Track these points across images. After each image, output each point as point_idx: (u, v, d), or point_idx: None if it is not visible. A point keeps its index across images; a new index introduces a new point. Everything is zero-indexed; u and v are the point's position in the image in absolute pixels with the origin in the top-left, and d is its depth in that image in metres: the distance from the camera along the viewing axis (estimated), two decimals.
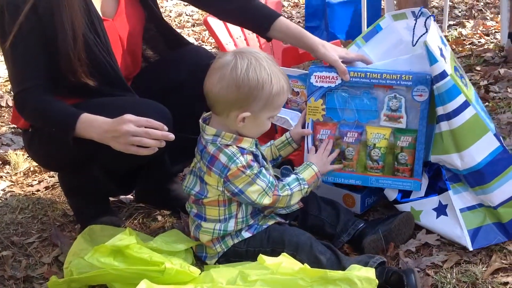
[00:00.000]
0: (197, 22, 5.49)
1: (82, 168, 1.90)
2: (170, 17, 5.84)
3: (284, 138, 1.96)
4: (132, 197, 2.31)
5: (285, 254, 1.60)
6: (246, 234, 1.78)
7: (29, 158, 2.73)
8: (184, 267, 1.64)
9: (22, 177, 2.64)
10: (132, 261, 1.62)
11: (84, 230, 1.93)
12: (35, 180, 2.60)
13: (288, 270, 1.54)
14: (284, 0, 6.05)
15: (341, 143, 1.91)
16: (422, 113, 1.81)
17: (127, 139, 1.63)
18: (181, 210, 2.05)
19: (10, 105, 3.46)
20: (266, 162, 1.82)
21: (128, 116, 1.64)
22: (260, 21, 1.96)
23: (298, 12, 5.53)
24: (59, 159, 1.90)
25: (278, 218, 1.84)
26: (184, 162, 2.10)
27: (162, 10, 5.84)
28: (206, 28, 3.07)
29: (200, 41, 4.80)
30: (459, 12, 4.90)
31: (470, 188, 1.82)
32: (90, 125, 1.69)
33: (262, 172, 1.73)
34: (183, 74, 1.95)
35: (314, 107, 1.90)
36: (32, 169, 2.67)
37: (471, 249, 1.77)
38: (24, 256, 2.01)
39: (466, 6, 5.10)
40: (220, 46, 2.99)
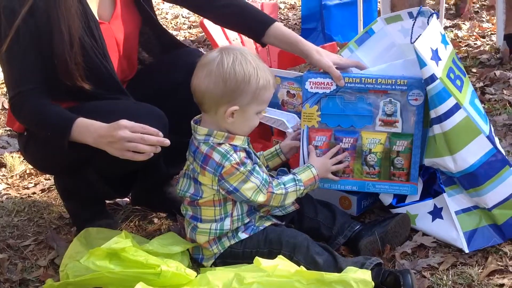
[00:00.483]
0: (193, 24, 5.49)
1: (78, 171, 1.90)
2: (167, 19, 5.84)
3: (273, 149, 1.98)
4: (128, 199, 2.31)
5: (281, 256, 1.60)
6: (242, 235, 1.78)
7: (25, 160, 2.73)
8: (180, 270, 1.63)
9: (18, 179, 2.63)
10: (128, 264, 1.62)
11: (80, 233, 1.93)
12: (31, 182, 2.59)
13: (284, 273, 1.53)
14: (280, 2, 6.06)
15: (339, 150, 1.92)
16: (418, 117, 1.81)
17: (123, 145, 1.63)
18: (177, 212, 2.04)
19: (6, 107, 3.46)
20: (259, 160, 1.83)
21: (123, 122, 1.64)
22: (255, 27, 1.97)
23: (295, 14, 5.54)
24: (55, 162, 1.89)
25: (275, 220, 1.84)
26: (180, 164, 2.09)
27: (158, 12, 5.85)
28: (202, 30, 3.07)
29: (196, 43, 4.80)
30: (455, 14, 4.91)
31: (464, 190, 1.82)
32: (86, 129, 1.68)
33: (256, 169, 1.73)
34: (179, 76, 1.95)
35: (309, 114, 1.90)
36: (28, 171, 2.67)
37: (467, 251, 1.77)
38: (20, 259, 2.00)
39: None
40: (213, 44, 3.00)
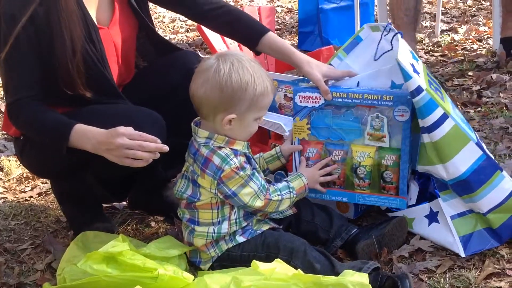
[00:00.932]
0: (190, 28, 5.49)
1: (75, 175, 1.89)
2: (164, 22, 5.84)
3: (273, 152, 1.98)
4: (125, 203, 2.31)
5: (278, 259, 1.60)
6: (240, 239, 1.78)
7: (21, 164, 2.73)
8: (177, 273, 1.63)
9: (15, 183, 2.63)
10: (125, 267, 1.62)
11: (77, 237, 1.92)
12: (28, 186, 2.59)
13: (281, 276, 1.53)
14: (277, 6, 6.06)
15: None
16: (404, 132, 1.81)
17: (121, 152, 1.63)
18: (174, 216, 2.04)
19: (2, 110, 3.45)
20: (258, 165, 1.83)
21: (121, 129, 1.63)
22: (249, 36, 2.00)
23: (292, 18, 5.55)
24: (52, 167, 1.89)
25: (273, 224, 1.84)
26: (178, 166, 2.10)
27: (155, 15, 5.86)
28: (199, 34, 3.08)
29: (193, 46, 4.80)
30: (452, 17, 4.93)
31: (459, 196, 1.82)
32: (84, 136, 1.68)
33: (255, 174, 1.74)
34: (176, 78, 1.95)
35: (300, 127, 1.93)
36: (25, 175, 2.66)
37: (464, 255, 1.77)
38: (17, 263, 2.00)
39: (458, 12, 5.13)
40: (213, 52, 3.00)
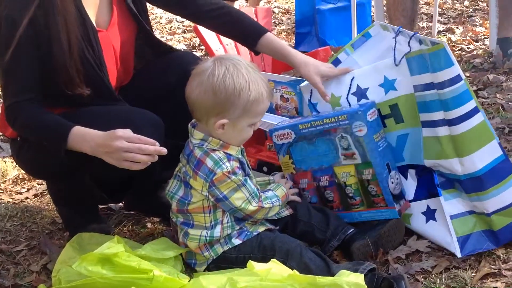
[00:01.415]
0: (187, 28, 5.49)
1: (72, 177, 1.89)
2: (161, 23, 5.84)
3: (267, 179, 2.01)
4: (121, 204, 2.30)
5: (274, 260, 1.60)
6: (236, 241, 1.78)
7: (17, 166, 2.72)
8: (173, 275, 1.63)
9: (10, 184, 2.62)
10: (120, 269, 1.61)
11: (72, 238, 1.92)
12: (24, 187, 2.58)
13: (277, 277, 1.53)
14: (274, 6, 6.07)
15: (320, 188, 1.98)
16: (369, 145, 1.82)
17: (120, 155, 1.62)
18: (170, 217, 2.04)
19: None
20: (251, 171, 1.83)
21: (119, 132, 1.63)
22: (247, 37, 2.02)
23: (289, 18, 5.55)
24: (49, 169, 1.88)
25: (269, 225, 1.84)
26: (173, 168, 2.10)
27: (152, 16, 5.85)
28: (196, 34, 3.07)
29: (190, 47, 4.80)
30: (449, 18, 4.94)
31: (464, 194, 1.81)
32: (83, 139, 1.67)
33: (247, 181, 1.74)
34: (173, 80, 1.95)
35: (285, 163, 2.00)
36: (20, 176, 2.66)
37: (460, 256, 1.77)
38: (12, 264, 1.99)
39: (455, 13, 5.14)
40: (210, 53, 2.99)
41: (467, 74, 3.36)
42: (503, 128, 2.62)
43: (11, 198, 2.48)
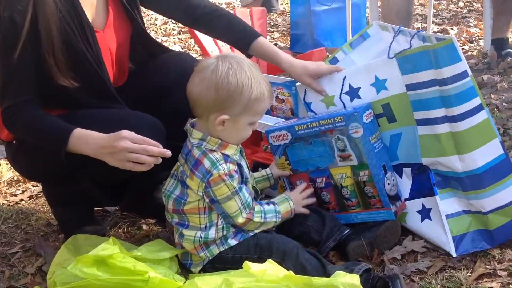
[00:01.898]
0: (182, 30, 5.49)
1: (69, 180, 1.88)
2: (156, 25, 5.84)
3: (264, 173, 2.01)
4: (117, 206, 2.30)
5: (270, 260, 1.60)
6: (232, 242, 1.78)
7: (12, 168, 2.71)
8: (168, 276, 1.63)
9: (5, 186, 2.62)
10: (115, 270, 1.60)
11: (67, 240, 1.91)
12: (19, 189, 2.58)
13: (273, 277, 1.53)
14: None
15: (317, 190, 1.98)
16: (365, 147, 1.82)
17: (124, 156, 1.61)
18: (166, 216, 2.04)
19: None
20: (249, 172, 1.83)
21: (124, 132, 1.62)
22: (240, 40, 2.03)
23: (284, 20, 5.56)
24: (46, 172, 1.87)
25: None
26: (170, 169, 2.10)
27: (147, 18, 5.85)
28: (191, 36, 3.08)
29: (186, 49, 4.80)
30: (443, 19, 4.95)
31: (460, 192, 1.81)
32: (84, 141, 1.66)
33: (242, 190, 1.74)
34: (170, 81, 1.95)
35: (281, 164, 2.00)
36: (15, 178, 2.65)
37: (455, 255, 1.77)
38: (7, 266, 1.99)
39: (449, 14, 5.15)
40: (205, 54, 3.00)
41: None
42: (498, 128, 2.61)
43: (6, 200, 2.47)
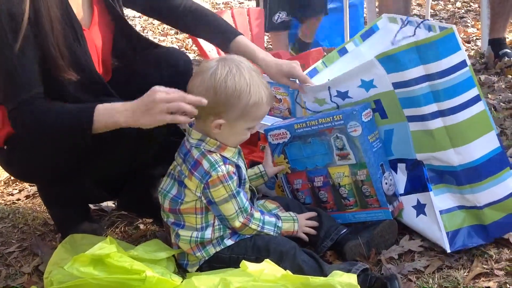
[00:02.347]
0: None
1: (67, 179, 1.88)
2: (153, 25, 5.84)
3: (257, 170, 2.00)
4: (114, 205, 2.30)
5: (268, 260, 1.60)
6: (228, 242, 1.77)
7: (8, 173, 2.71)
8: (165, 275, 1.62)
9: (2, 186, 2.61)
10: (112, 270, 1.60)
11: (64, 239, 1.91)
12: (16, 189, 2.57)
13: (270, 277, 1.53)
14: None
15: (314, 189, 1.98)
16: (363, 145, 1.82)
17: (164, 107, 1.60)
18: (161, 216, 2.03)
19: None
20: (246, 174, 1.83)
21: (156, 87, 1.62)
22: (219, 40, 2.04)
23: None
24: (43, 173, 1.86)
25: None
26: (164, 164, 2.10)
27: (144, 18, 5.84)
28: (189, 36, 3.07)
29: (183, 48, 4.80)
30: (441, 19, 4.96)
31: (454, 188, 1.80)
32: (114, 111, 1.65)
33: (240, 194, 1.73)
34: (162, 75, 1.93)
35: (280, 163, 2.01)
36: (12, 178, 2.64)
37: (449, 251, 1.77)
38: (4, 265, 1.98)
39: (447, 14, 5.16)
40: (203, 54, 3.00)
41: None
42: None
43: (3, 200, 2.47)
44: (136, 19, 5.97)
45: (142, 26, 5.82)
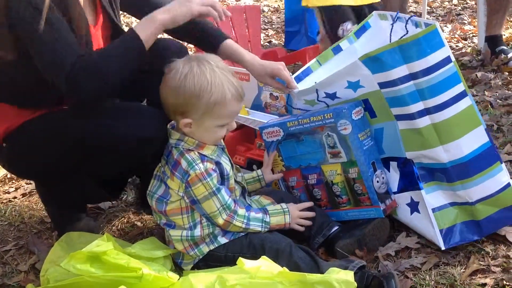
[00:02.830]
0: None
1: (65, 178, 1.87)
2: None
3: (255, 174, 2.00)
4: (111, 203, 2.29)
5: (264, 257, 1.59)
6: (222, 240, 1.77)
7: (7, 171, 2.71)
8: (162, 273, 1.62)
9: None
10: (109, 267, 1.60)
11: (61, 237, 1.91)
12: (12, 187, 2.56)
13: (267, 274, 1.53)
14: (264, 5, 6.07)
15: (309, 186, 1.98)
16: (354, 143, 1.82)
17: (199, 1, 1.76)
18: (154, 217, 2.03)
19: None
20: (232, 170, 1.82)
21: None
22: (207, 44, 2.04)
23: (278, 17, 5.56)
24: (45, 169, 1.85)
25: None
26: None
27: None
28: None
29: None
30: (437, 16, 4.96)
31: (445, 185, 1.80)
32: (150, 17, 1.73)
33: (221, 192, 1.72)
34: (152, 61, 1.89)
35: (275, 160, 2.01)
36: (8, 176, 2.64)
37: (443, 248, 1.77)
38: (0, 264, 1.98)
39: (444, 11, 5.16)
40: (198, 50, 2.99)
41: None
42: (492, 125, 2.63)
43: None
44: (132, 17, 5.95)
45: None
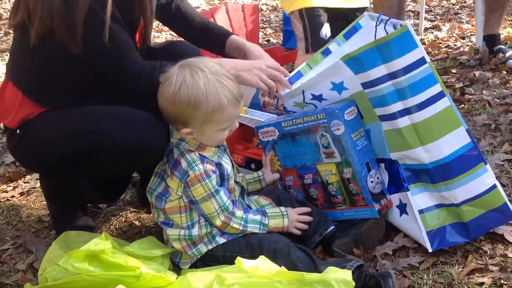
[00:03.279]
0: None
1: (70, 172, 1.87)
2: None
3: (256, 175, 2.00)
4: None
5: (263, 256, 1.59)
6: (220, 240, 1.77)
7: (3, 163, 2.70)
8: (160, 272, 1.62)
9: None
10: (107, 266, 1.60)
11: (59, 236, 1.90)
12: (10, 186, 2.56)
13: (265, 273, 1.53)
14: (262, 4, 6.07)
15: (305, 186, 1.98)
16: (347, 144, 1.82)
17: (263, 74, 1.88)
18: (152, 215, 2.03)
19: None
20: (233, 170, 1.82)
21: (267, 57, 1.96)
22: (213, 44, 2.11)
23: (277, 16, 5.55)
24: (51, 162, 1.84)
25: None
26: None
27: None
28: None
29: None
30: (435, 15, 4.96)
31: (431, 186, 1.80)
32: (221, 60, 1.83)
33: (220, 193, 1.72)
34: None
35: (271, 160, 2.01)
36: (6, 175, 2.63)
37: (431, 250, 1.76)
38: None
39: (442, 10, 5.16)
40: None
41: (454, 71, 3.38)
42: (490, 124, 2.63)
43: None
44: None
45: None
